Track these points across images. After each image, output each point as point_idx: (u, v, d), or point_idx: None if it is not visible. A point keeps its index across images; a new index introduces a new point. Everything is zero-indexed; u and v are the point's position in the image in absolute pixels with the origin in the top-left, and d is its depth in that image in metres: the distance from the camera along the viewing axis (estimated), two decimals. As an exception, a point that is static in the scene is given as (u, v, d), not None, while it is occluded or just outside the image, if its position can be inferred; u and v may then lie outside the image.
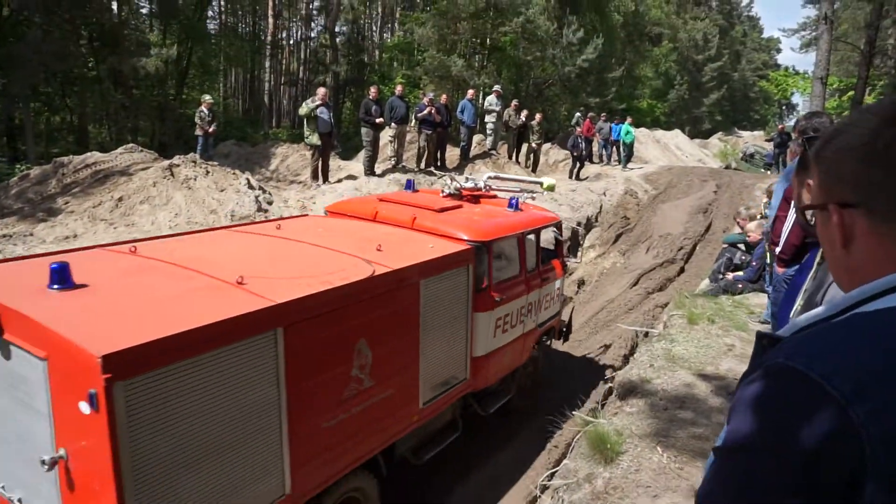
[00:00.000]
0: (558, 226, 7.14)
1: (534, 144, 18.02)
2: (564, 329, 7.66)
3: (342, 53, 35.03)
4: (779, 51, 78.21)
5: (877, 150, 0.92)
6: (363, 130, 13.10)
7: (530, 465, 5.75)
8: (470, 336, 5.33)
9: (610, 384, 6.06)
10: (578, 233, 8.40)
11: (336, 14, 33.12)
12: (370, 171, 13.09)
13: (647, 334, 7.09)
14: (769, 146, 27.33)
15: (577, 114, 22.53)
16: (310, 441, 3.64)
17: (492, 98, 16.61)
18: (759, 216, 8.66)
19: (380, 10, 42.85)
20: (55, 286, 3.18)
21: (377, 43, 43.16)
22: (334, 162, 14.54)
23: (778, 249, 4.29)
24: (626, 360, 7.41)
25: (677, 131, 33.03)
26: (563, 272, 7.37)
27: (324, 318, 3.65)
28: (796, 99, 66.88)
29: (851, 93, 23.37)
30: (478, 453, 5.97)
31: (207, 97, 14.31)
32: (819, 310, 0.95)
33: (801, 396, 0.78)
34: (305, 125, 12.35)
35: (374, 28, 45.50)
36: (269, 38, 34.42)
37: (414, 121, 14.23)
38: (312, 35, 39.49)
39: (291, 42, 40.08)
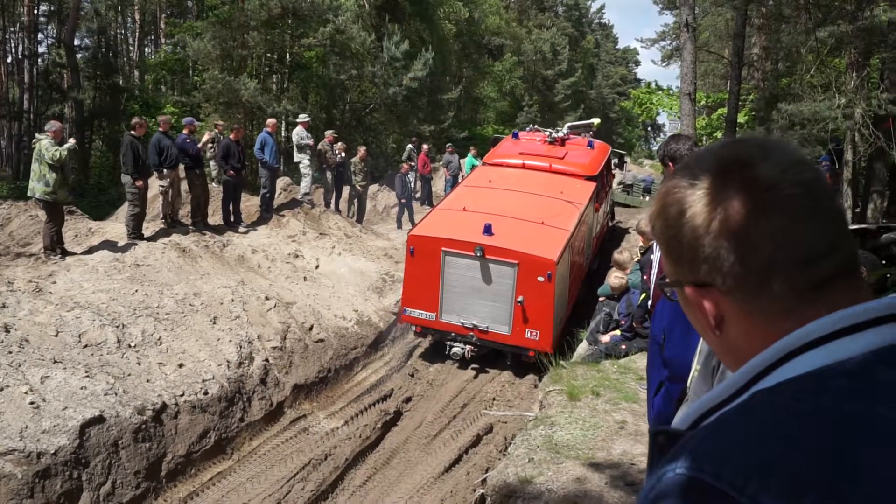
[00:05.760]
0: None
1: (358, 187, 18.22)
2: (612, 216, 19.14)
3: (86, 75, 33.54)
4: (637, 63, 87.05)
5: (712, 222, 0.96)
6: (125, 179, 12.52)
7: None
8: (593, 225, 13.84)
9: (481, 490, 6.13)
10: (623, 153, 15.77)
11: (74, 22, 31.75)
12: (136, 232, 12.50)
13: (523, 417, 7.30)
14: (649, 172, 30.00)
15: (409, 146, 23.23)
16: (576, 269, 12.32)
17: (300, 130, 16.59)
18: (635, 259, 9.40)
19: (137, 17, 41.86)
20: (485, 234, 10.54)
21: (136, 61, 41.95)
22: (83, 223, 13.70)
23: (650, 301, 4.59)
24: (503, 453, 7.55)
25: (532, 162, 35.15)
26: (613, 179, 18.56)
27: (575, 231, 11.50)
28: (662, 118, 74.34)
29: (722, 110, 26.35)
30: None
31: None
32: (714, 392, 0.98)
33: None
34: (41, 173, 11.21)
35: (130, 41, 44.28)
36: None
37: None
38: (41, 50, 37.59)
39: (10, 60, 37.78)
